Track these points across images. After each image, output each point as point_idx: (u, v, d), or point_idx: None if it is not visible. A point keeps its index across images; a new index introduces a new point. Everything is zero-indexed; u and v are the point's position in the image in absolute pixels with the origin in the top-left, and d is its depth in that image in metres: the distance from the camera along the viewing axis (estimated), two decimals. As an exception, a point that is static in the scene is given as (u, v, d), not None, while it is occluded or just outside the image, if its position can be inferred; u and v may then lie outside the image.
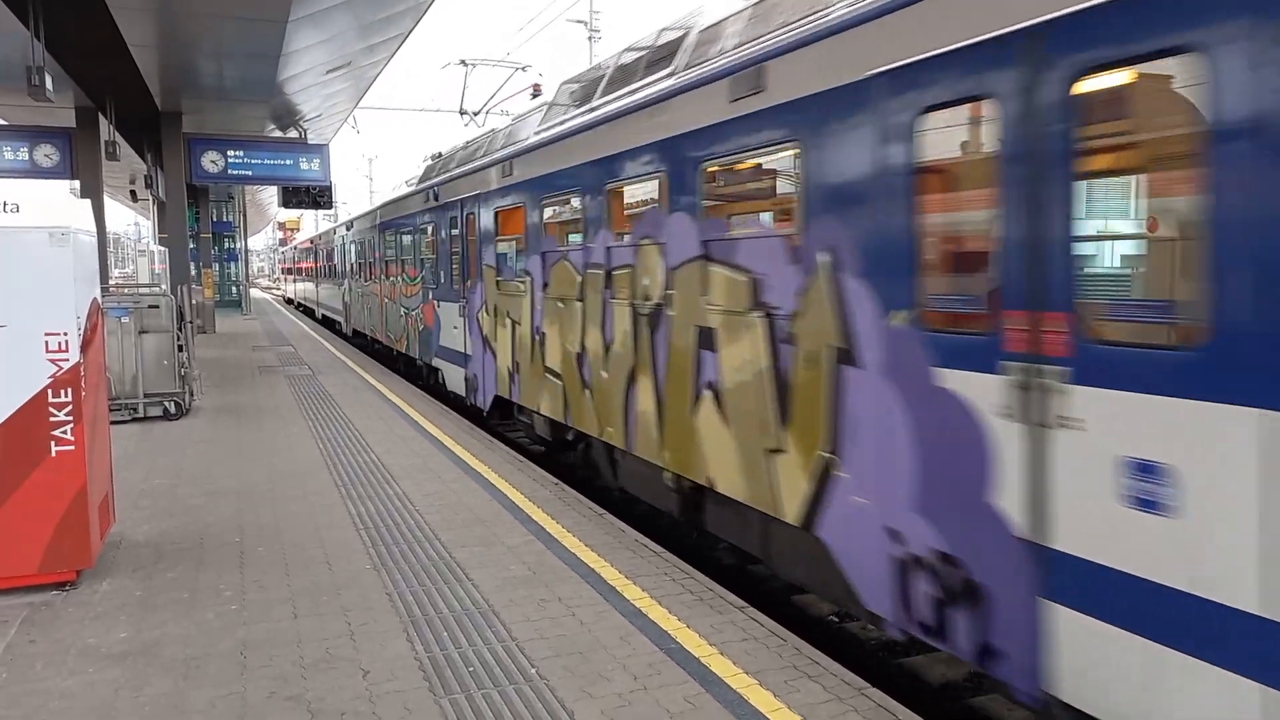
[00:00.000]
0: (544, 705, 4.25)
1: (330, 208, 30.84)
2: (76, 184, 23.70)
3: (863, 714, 4.17)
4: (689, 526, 7.54)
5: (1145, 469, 3.37)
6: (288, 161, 25.27)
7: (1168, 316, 3.99)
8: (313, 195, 28.39)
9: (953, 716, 5.24)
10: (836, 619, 6.56)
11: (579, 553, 6.47)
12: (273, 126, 25.56)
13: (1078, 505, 3.61)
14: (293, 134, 26.25)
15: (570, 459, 10.16)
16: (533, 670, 4.61)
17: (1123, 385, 3.45)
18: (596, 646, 4.89)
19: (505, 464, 9.36)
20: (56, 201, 5.78)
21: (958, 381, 4.16)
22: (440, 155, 16.90)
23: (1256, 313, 3.02)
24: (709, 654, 4.79)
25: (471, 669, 4.63)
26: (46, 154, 23.72)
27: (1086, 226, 4.19)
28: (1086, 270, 4.28)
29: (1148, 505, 3.36)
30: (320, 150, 25.75)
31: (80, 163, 23.64)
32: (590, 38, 36.51)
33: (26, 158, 23.52)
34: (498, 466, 9.22)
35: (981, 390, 4.03)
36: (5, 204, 5.51)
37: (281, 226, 75.43)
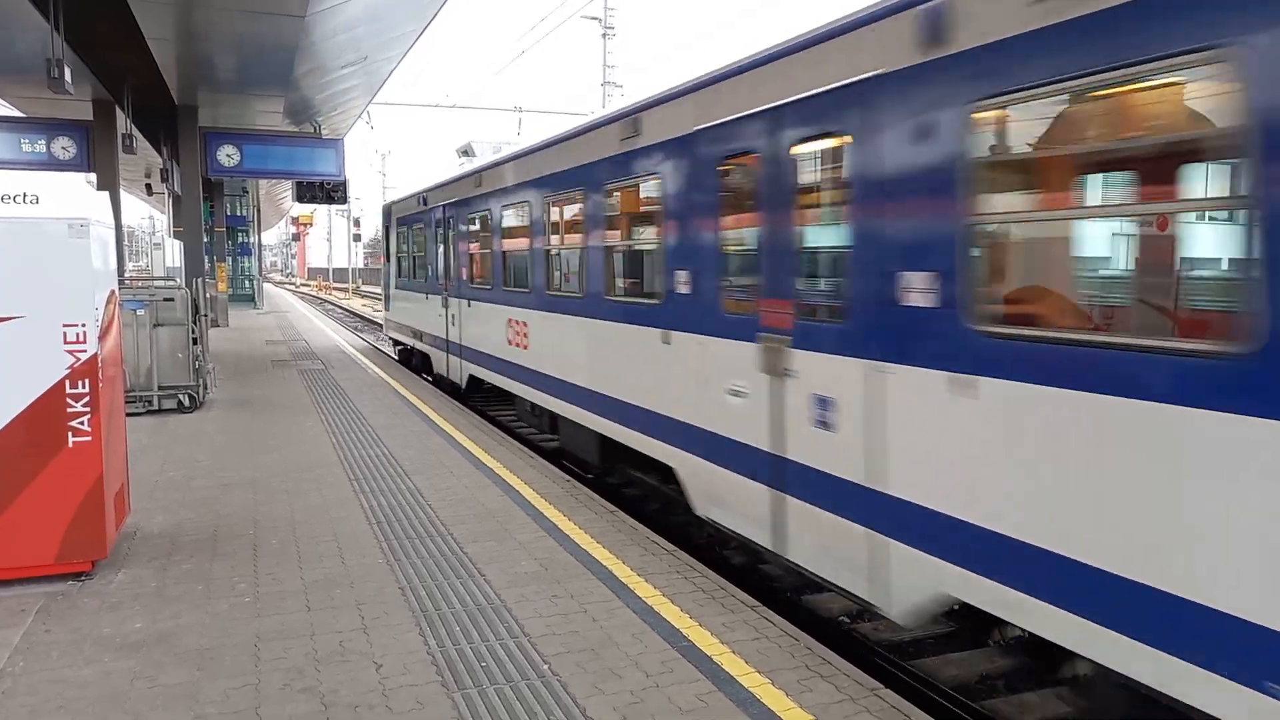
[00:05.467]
0: (556, 701, 4.25)
1: (344, 203, 30.84)
2: (93, 177, 23.79)
3: (875, 714, 4.16)
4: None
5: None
6: (302, 156, 25.34)
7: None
8: (327, 190, 28.43)
9: (964, 718, 5.21)
10: (848, 619, 6.54)
11: (591, 549, 6.47)
12: (287, 121, 25.63)
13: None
14: (307, 129, 26.32)
15: None
16: (545, 666, 4.62)
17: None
18: (608, 643, 4.89)
19: (517, 460, 9.37)
20: (75, 193, 5.82)
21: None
22: None
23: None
24: (721, 652, 4.79)
25: (484, 664, 4.63)
26: (64, 146, 23.86)
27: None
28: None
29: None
30: (334, 145, 25.80)
31: (97, 156, 23.74)
32: (604, 35, 36.49)
33: (44, 150, 23.66)
34: (509, 462, 9.23)
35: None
36: (25, 195, 5.54)
37: (295, 221, 75.77)
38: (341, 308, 51.97)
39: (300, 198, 29.42)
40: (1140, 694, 3.74)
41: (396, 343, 20.64)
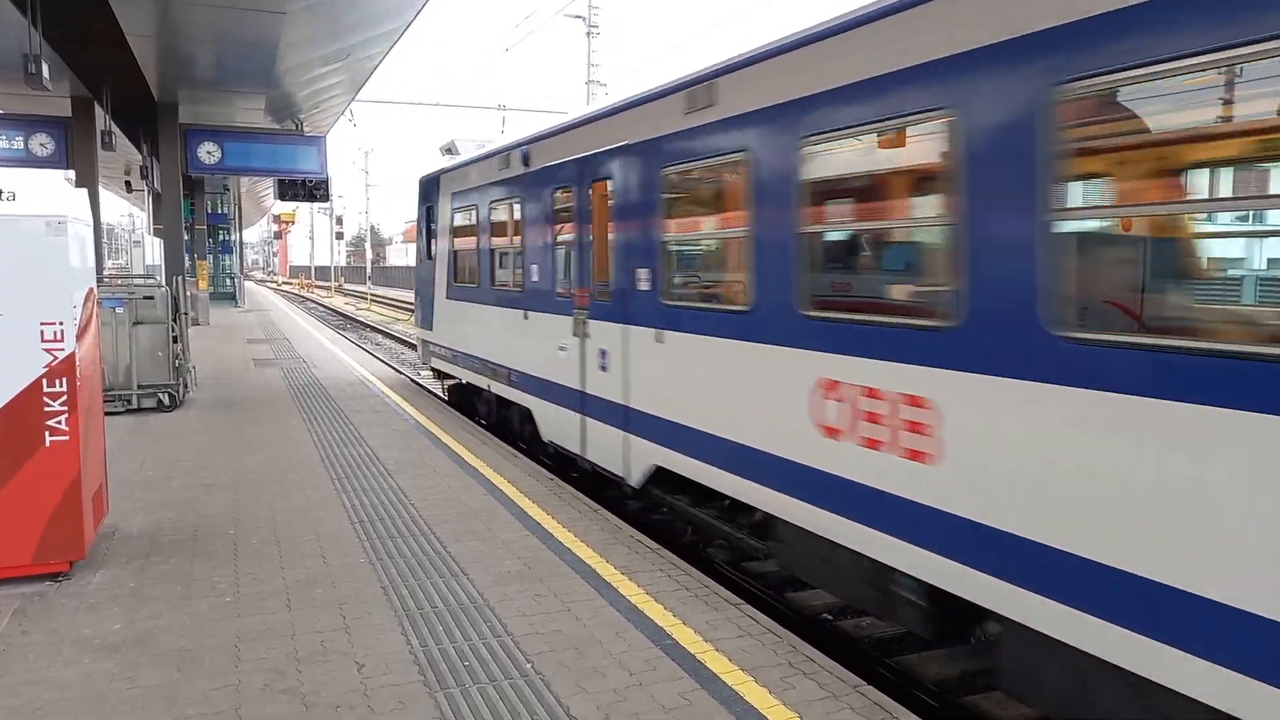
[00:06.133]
0: (539, 700, 4.25)
1: (326, 200, 30.68)
2: (72, 174, 23.61)
3: (857, 711, 4.18)
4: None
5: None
6: (284, 154, 25.21)
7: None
8: (309, 188, 28.31)
9: (947, 714, 5.24)
10: (831, 617, 6.56)
11: (575, 548, 6.47)
12: (269, 118, 25.48)
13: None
14: (289, 126, 26.18)
15: None
16: (528, 665, 4.60)
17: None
18: (592, 642, 4.89)
19: (501, 459, 9.35)
20: (53, 190, 5.76)
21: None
22: None
23: None
24: (704, 650, 4.79)
25: (467, 663, 4.62)
26: (42, 143, 23.65)
27: None
28: None
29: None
30: (317, 142, 25.70)
31: (76, 153, 23.54)
32: (589, 33, 36.45)
33: (22, 146, 23.44)
34: (494, 462, 9.21)
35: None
36: (2, 192, 5.48)
37: (277, 219, 75.31)
38: (324, 306, 51.74)
39: (282, 195, 29.29)
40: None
41: (441, 375, 14.23)
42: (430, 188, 14.01)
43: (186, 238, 26.26)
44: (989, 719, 5.10)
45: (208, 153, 24.00)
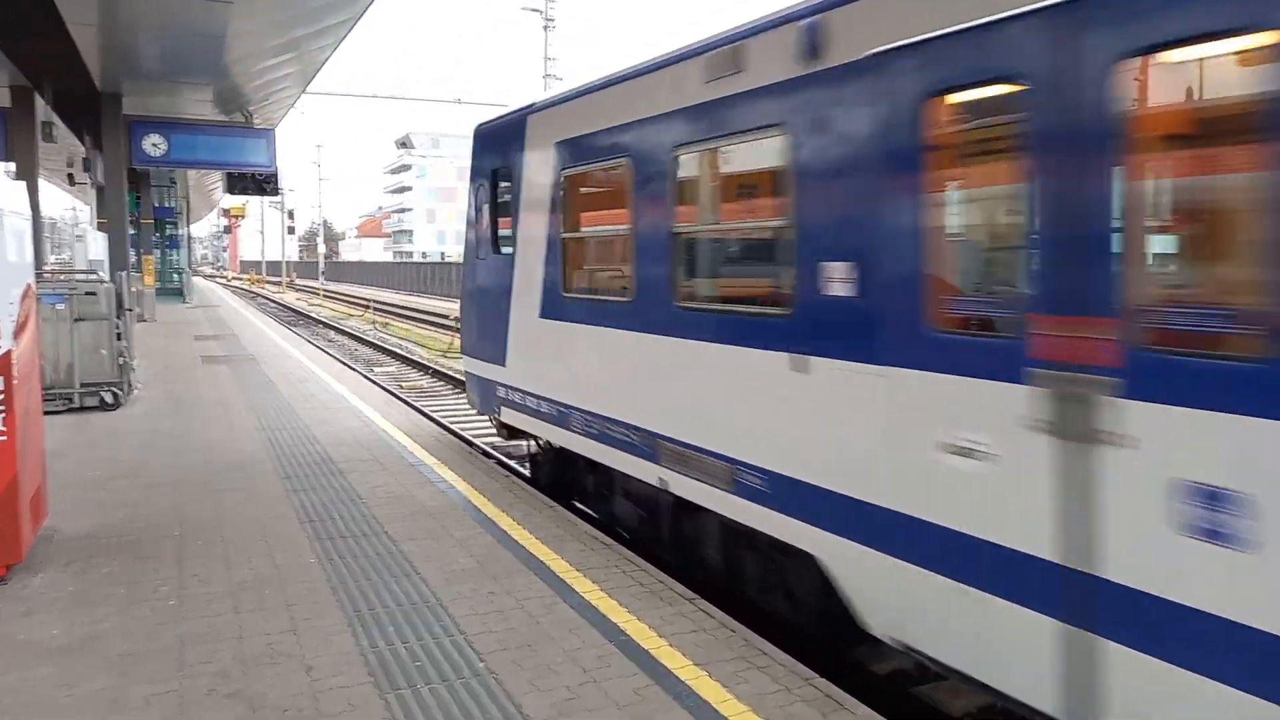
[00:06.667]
0: (492, 699, 4.22)
1: (277, 194, 30.20)
2: (11, 166, 22.96)
3: (810, 703, 4.21)
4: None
5: None
6: (232, 146, 24.75)
7: None
8: (258, 181, 27.84)
9: (898, 705, 5.31)
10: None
11: (529, 545, 6.43)
12: (217, 110, 24.98)
13: None
14: (238, 118, 25.69)
15: None
16: (480, 664, 4.57)
17: None
18: (545, 639, 4.87)
19: (455, 456, 9.28)
20: (-13, 183, 5.59)
21: None
22: None
23: None
24: (658, 646, 4.80)
25: (418, 663, 4.57)
26: (-22, 134, 22.93)
27: None
28: None
29: None
30: (266, 135, 25.28)
31: (15, 144, 22.87)
32: (545, 27, 36.28)
33: (-43, 138, 22.72)
34: (447, 459, 9.13)
35: None
36: (-69, 184, 5.31)
37: (226, 213, 73.90)
38: (275, 302, 50.90)
39: (231, 189, 28.80)
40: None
41: (514, 432, 9.20)
42: (499, 141, 8.89)
43: (132, 232, 25.66)
44: (940, 709, 5.18)
45: (153, 145, 23.47)
